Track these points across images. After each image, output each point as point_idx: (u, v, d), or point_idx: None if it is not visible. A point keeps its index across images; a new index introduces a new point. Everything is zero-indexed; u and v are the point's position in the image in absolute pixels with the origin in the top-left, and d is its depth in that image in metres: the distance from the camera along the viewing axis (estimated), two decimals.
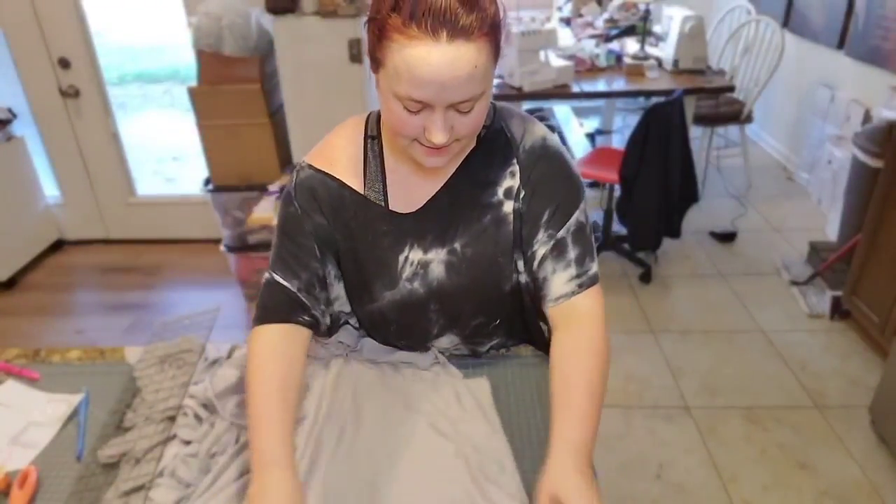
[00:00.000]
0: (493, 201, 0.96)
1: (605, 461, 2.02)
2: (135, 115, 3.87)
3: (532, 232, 0.95)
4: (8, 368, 1.13)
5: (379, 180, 0.96)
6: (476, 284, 0.97)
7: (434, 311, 1.01)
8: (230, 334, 1.26)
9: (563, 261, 0.93)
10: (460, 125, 0.82)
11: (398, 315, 1.01)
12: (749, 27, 3.72)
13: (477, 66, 0.76)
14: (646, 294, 2.90)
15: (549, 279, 0.94)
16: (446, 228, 0.96)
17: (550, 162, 0.96)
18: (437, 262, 0.97)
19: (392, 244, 0.97)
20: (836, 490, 1.90)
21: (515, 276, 0.98)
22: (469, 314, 1.02)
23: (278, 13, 2.44)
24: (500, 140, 0.96)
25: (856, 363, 2.40)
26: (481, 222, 0.96)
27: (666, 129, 2.61)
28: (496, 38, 0.80)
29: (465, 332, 1.05)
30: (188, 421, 0.98)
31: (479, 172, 0.95)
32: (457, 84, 0.76)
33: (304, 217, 0.96)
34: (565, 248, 0.94)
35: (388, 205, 0.96)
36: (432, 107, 0.79)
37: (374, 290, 0.99)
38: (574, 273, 0.93)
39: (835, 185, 3.25)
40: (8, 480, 0.90)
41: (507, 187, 0.95)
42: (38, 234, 3.39)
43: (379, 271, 0.98)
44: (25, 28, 3.00)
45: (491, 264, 0.97)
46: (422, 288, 0.98)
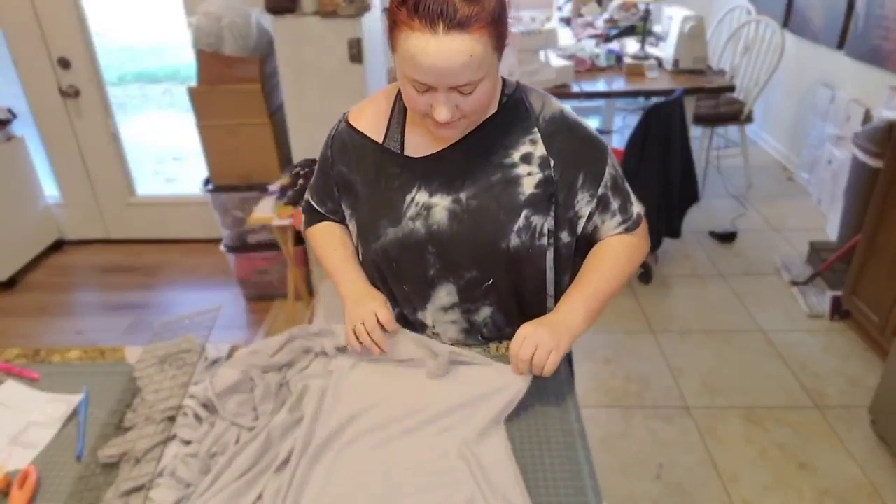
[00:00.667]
0: (505, 162, 1.03)
1: (605, 461, 2.02)
2: (135, 115, 3.87)
3: (569, 196, 1.04)
4: (8, 368, 1.13)
5: (398, 133, 1.07)
6: (474, 235, 1.03)
7: (432, 253, 1.06)
8: (230, 334, 1.27)
9: (609, 212, 1.07)
10: (464, 104, 0.93)
11: (398, 253, 1.07)
12: (749, 27, 3.72)
13: (472, 55, 0.86)
14: (646, 294, 2.90)
15: (599, 228, 1.09)
16: (454, 178, 1.04)
17: (571, 130, 1.05)
18: (441, 207, 1.04)
19: (401, 185, 1.06)
20: (836, 490, 1.90)
21: (513, 236, 1.03)
22: (464, 265, 1.06)
23: (278, 13, 2.44)
24: (519, 109, 1.05)
25: (856, 363, 2.40)
26: (490, 179, 1.03)
27: (666, 129, 2.61)
28: (497, 29, 0.89)
29: (459, 284, 1.08)
30: (188, 421, 0.98)
31: (496, 135, 1.04)
32: (453, 72, 0.87)
33: (332, 162, 1.13)
34: (608, 202, 1.07)
35: (403, 151, 1.07)
36: (436, 88, 0.90)
37: (379, 228, 1.07)
38: (620, 220, 1.08)
39: (835, 185, 3.25)
40: (8, 480, 0.90)
41: (526, 153, 1.03)
42: (38, 234, 3.39)
43: (386, 209, 1.07)
44: (25, 28, 3.00)
45: (492, 219, 1.02)
46: (423, 228, 1.05)
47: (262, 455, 0.90)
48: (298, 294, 2.65)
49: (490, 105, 1.01)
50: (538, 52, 2.92)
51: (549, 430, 0.96)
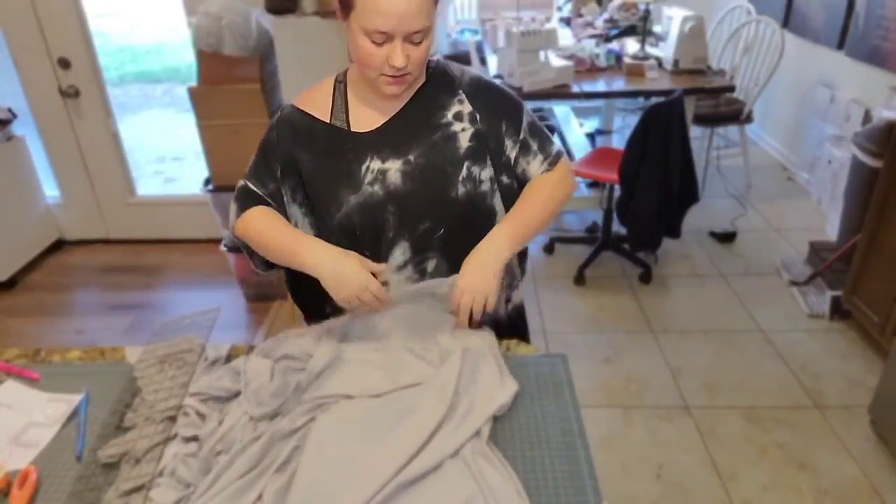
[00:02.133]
0: (441, 122, 1.18)
1: (605, 461, 2.02)
2: (135, 115, 3.87)
3: (498, 142, 1.20)
4: (8, 368, 1.13)
5: (343, 111, 1.18)
6: (426, 188, 1.16)
7: (391, 212, 1.16)
8: (230, 334, 1.26)
9: (530, 153, 1.22)
10: (414, 54, 1.06)
11: (361, 217, 1.16)
12: (749, 27, 3.72)
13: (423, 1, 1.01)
14: (646, 294, 2.90)
15: (526, 169, 1.23)
16: (401, 143, 1.16)
17: (490, 89, 1.23)
18: (394, 170, 1.15)
19: (355, 157, 1.16)
20: (836, 490, 1.90)
21: (459, 185, 1.16)
22: (419, 218, 1.17)
23: (278, 13, 2.44)
24: (444, 77, 1.21)
25: (856, 363, 2.40)
26: (431, 138, 1.17)
27: (666, 129, 2.61)
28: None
29: (413, 238, 1.18)
30: (189, 420, 0.98)
31: (429, 100, 1.18)
32: (412, 14, 1.00)
33: (277, 144, 1.19)
34: (528, 144, 1.22)
35: (349, 127, 1.17)
36: (392, 39, 1.02)
37: (340, 197, 1.16)
38: (542, 158, 1.23)
39: (835, 185, 3.25)
40: (8, 480, 0.90)
41: (457, 111, 1.18)
42: (38, 234, 3.39)
43: (344, 179, 1.16)
44: (25, 28, 3.00)
45: (440, 172, 1.16)
46: (381, 190, 1.15)
47: (264, 455, 0.90)
48: None
49: (425, 65, 1.16)
50: (538, 52, 2.92)
51: (549, 430, 0.96)
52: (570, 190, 1.26)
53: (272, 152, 1.20)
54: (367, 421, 0.96)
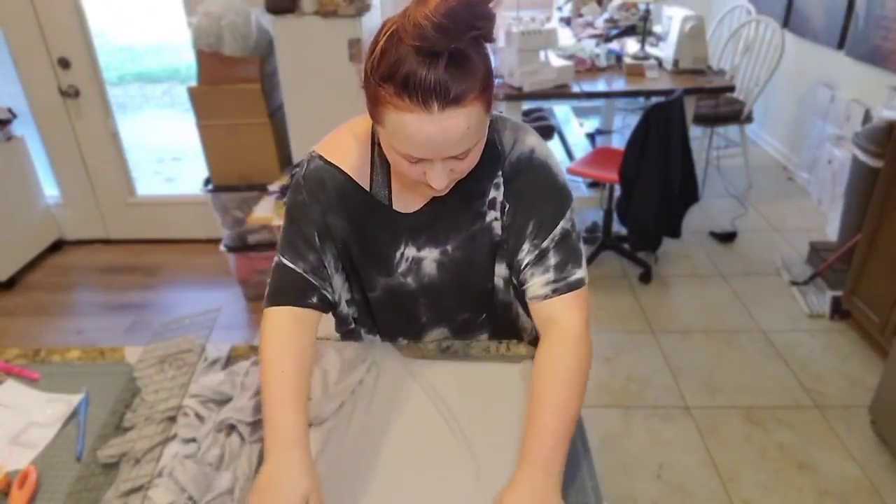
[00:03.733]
0: (481, 210, 1.02)
1: (605, 461, 2.02)
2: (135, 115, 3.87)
3: (517, 243, 0.99)
4: (8, 368, 1.13)
5: (384, 185, 1.01)
6: (463, 283, 1.06)
7: (423, 304, 1.09)
8: (230, 334, 1.26)
9: (542, 266, 0.97)
10: (459, 167, 0.88)
11: (391, 302, 1.09)
12: (749, 27, 3.72)
13: (469, 126, 0.81)
14: (646, 294, 2.90)
15: (528, 282, 0.98)
16: (439, 232, 1.03)
17: (535, 174, 0.99)
18: (429, 260, 1.04)
19: (389, 239, 1.04)
20: (836, 490, 1.90)
21: (496, 276, 1.06)
22: (456, 309, 1.10)
23: (278, 13, 2.44)
24: (491, 151, 0.98)
25: (856, 363, 2.40)
26: (470, 229, 1.02)
27: (666, 129, 2.61)
28: (488, 94, 0.83)
29: (454, 326, 1.12)
30: (189, 421, 0.98)
31: (470, 182, 0.97)
32: (451, 144, 0.82)
33: (310, 205, 1.00)
34: (546, 256, 0.97)
35: (392, 204, 1.02)
36: (431, 159, 0.84)
37: (372, 279, 1.07)
38: (551, 278, 0.96)
39: (835, 185, 3.25)
40: (8, 480, 0.90)
41: (492, 198, 1.01)
42: (38, 234, 3.39)
43: (377, 262, 1.05)
44: (25, 28, 3.00)
45: (477, 266, 1.04)
46: (414, 282, 1.06)
47: None
48: None
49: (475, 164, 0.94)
50: (538, 52, 2.92)
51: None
52: (583, 371, 0.91)
53: (304, 217, 1.00)
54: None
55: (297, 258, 0.99)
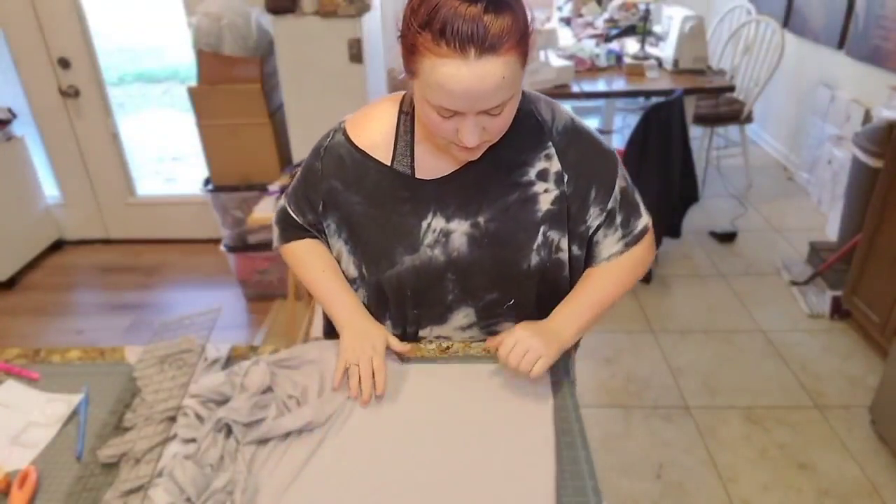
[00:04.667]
0: (522, 181, 1.00)
1: (605, 461, 2.02)
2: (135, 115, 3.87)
3: (581, 209, 1.02)
4: (8, 368, 1.13)
5: (408, 154, 1.01)
6: (495, 259, 1.01)
7: (451, 280, 1.04)
8: (230, 334, 1.26)
9: (612, 226, 1.04)
10: (491, 126, 0.88)
11: (415, 281, 1.04)
12: (749, 27, 3.72)
13: (505, 76, 0.81)
14: (646, 294, 2.90)
15: (600, 243, 1.05)
16: (470, 201, 1.00)
17: (583, 141, 1.02)
18: (459, 232, 1.00)
19: (414, 209, 1.01)
20: (836, 490, 1.90)
21: (533, 255, 1.01)
22: (484, 288, 1.04)
23: (278, 13, 2.44)
24: (529, 122, 1.00)
25: (856, 363, 2.40)
26: (506, 199, 0.99)
27: (666, 129, 2.61)
28: (524, 46, 0.84)
29: (478, 306, 1.07)
30: (189, 421, 0.98)
31: (508, 152, 0.99)
32: (486, 95, 0.82)
33: (321, 176, 1.05)
34: (613, 217, 1.04)
35: (413, 172, 1.01)
36: (464, 113, 0.85)
37: (394, 255, 1.02)
38: (621, 234, 1.04)
39: (835, 185, 3.25)
40: (8, 480, 0.90)
41: (542, 169, 1.00)
42: (38, 234, 3.39)
43: (400, 236, 1.02)
44: (25, 28, 3.00)
45: (512, 241, 1.00)
46: (442, 255, 1.01)
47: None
48: (298, 294, 2.65)
49: (507, 127, 0.94)
50: (538, 52, 2.92)
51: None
52: (644, 270, 1.09)
53: (315, 184, 1.06)
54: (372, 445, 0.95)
55: (299, 213, 1.11)
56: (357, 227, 1.05)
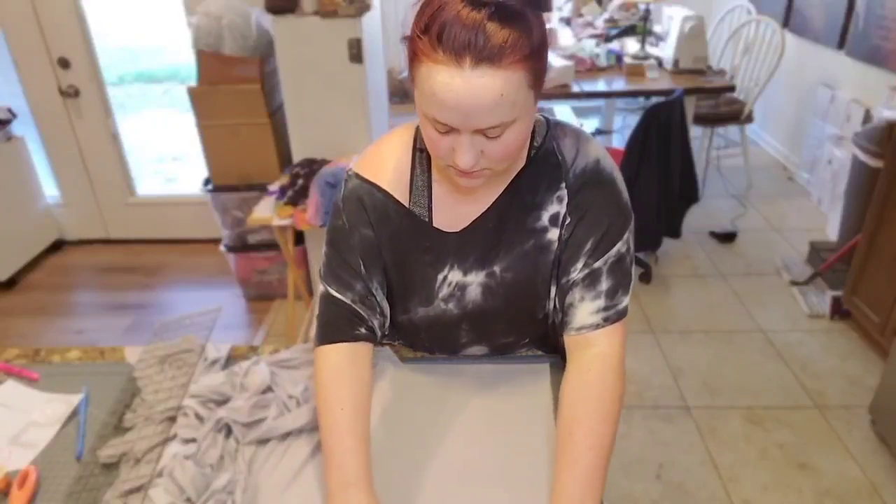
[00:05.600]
0: (537, 227, 0.92)
1: None
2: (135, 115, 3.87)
3: (572, 260, 0.91)
4: (8, 368, 1.13)
5: (425, 196, 0.94)
6: (510, 309, 0.96)
7: (465, 329, 1.01)
8: (230, 334, 1.26)
9: (594, 291, 0.90)
10: (490, 151, 0.79)
11: (427, 329, 1.02)
12: (749, 27, 3.72)
13: (503, 94, 0.73)
14: (646, 294, 2.90)
15: (576, 306, 0.90)
16: (488, 250, 0.93)
17: (601, 188, 0.91)
18: (475, 284, 0.95)
19: (433, 261, 0.95)
20: (836, 490, 1.90)
21: (548, 303, 0.97)
22: (499, 333, 1.02)
23: (278, 13, 2.43)
24: (550, 161, 0.91)
25: (856, 363, 2.40)
26: (524, 247, 0.93)
27: (666, 129, 2.61)
28: (535, 64, 0.75)
29: (493, 345, 1.06)
30: (189, 421, 0.98)
31: (526, 195, 0.91)
32: (479, 112, 0.74)
33: (351, 230, 0.94)
34: (598, 279, 0.90)
35: (432, 221, 0.94)
36: (459, 130, 0.77)
37: (409, 304, 0.99)
38: (602, 305, 0.89)
39: (835, 185, 3.25)
40: (8, 480, 0.90)
41: (554, 213, 0.92)
42: (38, 234, 3.39)
43: (417, 287, 0.97)
44: (25, 28, 3.00)
45: (528, 290, 0.95)
46: (456, 309, 0.97)
47: None
48: (298, 294, 2.65)
49: (520, 153, 0.85)
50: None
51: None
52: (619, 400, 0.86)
53: (346, 243, 0.94)
54: None
55: (344, 288, 0.93)
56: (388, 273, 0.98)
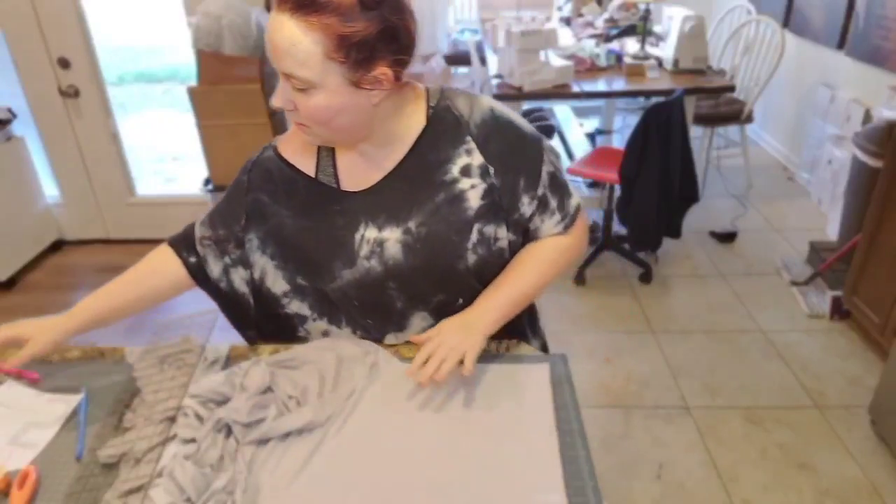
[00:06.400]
0: (446, 179, 1.00)
1: (605, 461, 2.02)
2: (135, 115, 3.87)
3: (513, 200, 1.02)
4: (8, 369, 1.13)
5: (330, 164, 1.03)
6: (431, 264, 1.01)
7: (393, 288, 1.04)
8: (230, 334, 1.26)
9: (547, 211, 1.06)
10: (301, 104, 0.89)
11: (358, 293, 1.05)
12: (749, 27, 3.72)
13: (295, 44, 0.83)
14: (646, 294, 2.90)
15: (539, 228, 1.06)
16: (400, 208, 1.00)
17: (504, 131, 1.02)
18: (393, 241, 1.01)
19: (346, 223, 1.02)
20: (836, 490, 1.90)
21: (469, 254, 1.01)
22: (428, 292, 1.05)
23: None
24: (448, 119, 1.01)
25: (856, 363, 2.40)
26: (434, 201, 1.00)
27: (666, 129, 2.61)
28: (344, 41, 0.83)
29: (430, 309, 1.07)
30: (189, 422, 0.98)
31: (429, 153, 1.00)
32: (279, 54, 0.84)
33: (248, 189, 1.07)
34: (546, 201, 1.05)
35: (339, 185, 1.02)
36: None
37: (333, 269, 1.03)
38: (559, 218, 1.07)
39: (835, 185, 3.25)
40: (8, 480, 0.90)
41: (464, 165, 1.00)
42: (38, 234, 3.39)
43: (336, 250, 1.02)
44: (25, 28, 3.00)
45: (445, 243, 1.00)
46: (379, 266, 1.02)
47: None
48: None
49: (336, 125, 0.92)
50: (538, 51, 2.92)
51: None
52: (579, 254, 1.11)
53: (239, 198, 1.09)
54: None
55: (208, 225, 1.12)
56: (289, 241, 1.05)
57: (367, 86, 0.88)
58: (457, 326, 0.99)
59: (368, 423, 0.97)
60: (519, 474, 0.88)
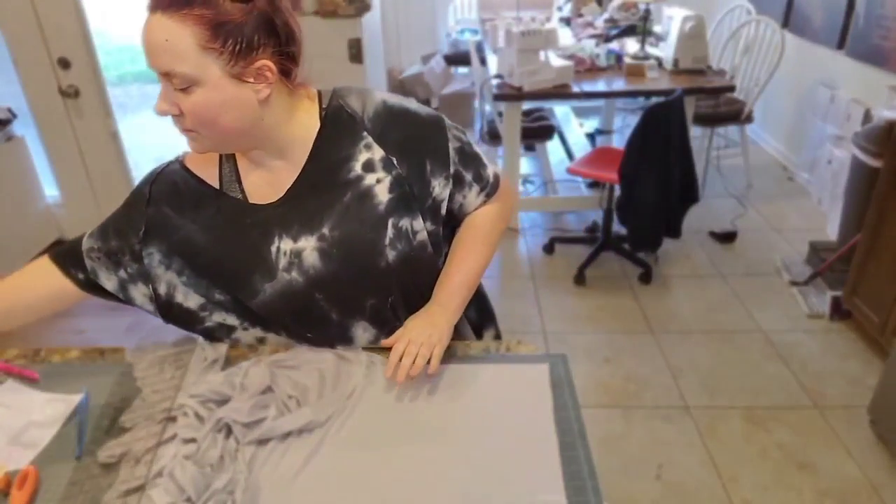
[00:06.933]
0: (350, 177, 0.99)
1: (605, 461, 2.02)
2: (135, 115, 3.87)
3: (423, 186, 1.01)
4: (8, 368, 1.13)
5: (234, 179, 1.00)
6: (351, 266, 1.00)
7: (322, 299, 1.02)
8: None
9: (465, 186, 1.07)
10: (184, 107, 0.87)
11: (287, 306, 1.02)
12: (749, 27, 3.72)
13: (169, 39, 0.82)
14: (646, 294, 2.90)
15: (463, 203, 1.09)
16: (311, 215, 0.99)
17: (400, 119, 1.01)
18: (309, 249, 0.99)
19: (260, 236, 0.99)
20: (836, 490, 1.90)
21: (388, 250, 1.00)
22: (357, 298, 1.04)
23: None
24: (342, 118, 1.00)
25: (856, 363, 2.40)
26: (343, 201, 0.98)
27: (666, 129, 2.61)
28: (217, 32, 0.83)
29: (367, 316, 1.06)
30: (188, 422, 0.98)
31: (330, 154, 0.98)
32: (152, 51, 0.83)
33: (150, 201, 1.02)
34: (461, 177, 1.06)
35: (247, 199, 1.00)
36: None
37: (253, 284, 1.00)
38: (478, 189, 1.09)
39: (835, 185, 3.25)
40: (8, 480, 0.90)
41: (366, 160, 0.99)
42: (38, 234, 3.39)
43: (254, 264, 1.00)
44: (25, 28, 3.00)
45: (360, 242, 0.99)
46: (300, 276, 1.00)
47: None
48: None
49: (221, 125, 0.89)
50: (538, 52, 2.92)
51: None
52: (509, 214, 1.14)
53: (139, 209, 1.03)
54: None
55: (98, 237, 1.07)
56: (201, 256, 1.01)
57: (249, 79, 0.88)
58: (422, 322, 1.02)
59: (369, 422, 0.97)
60: (519, 474, 0.88)
